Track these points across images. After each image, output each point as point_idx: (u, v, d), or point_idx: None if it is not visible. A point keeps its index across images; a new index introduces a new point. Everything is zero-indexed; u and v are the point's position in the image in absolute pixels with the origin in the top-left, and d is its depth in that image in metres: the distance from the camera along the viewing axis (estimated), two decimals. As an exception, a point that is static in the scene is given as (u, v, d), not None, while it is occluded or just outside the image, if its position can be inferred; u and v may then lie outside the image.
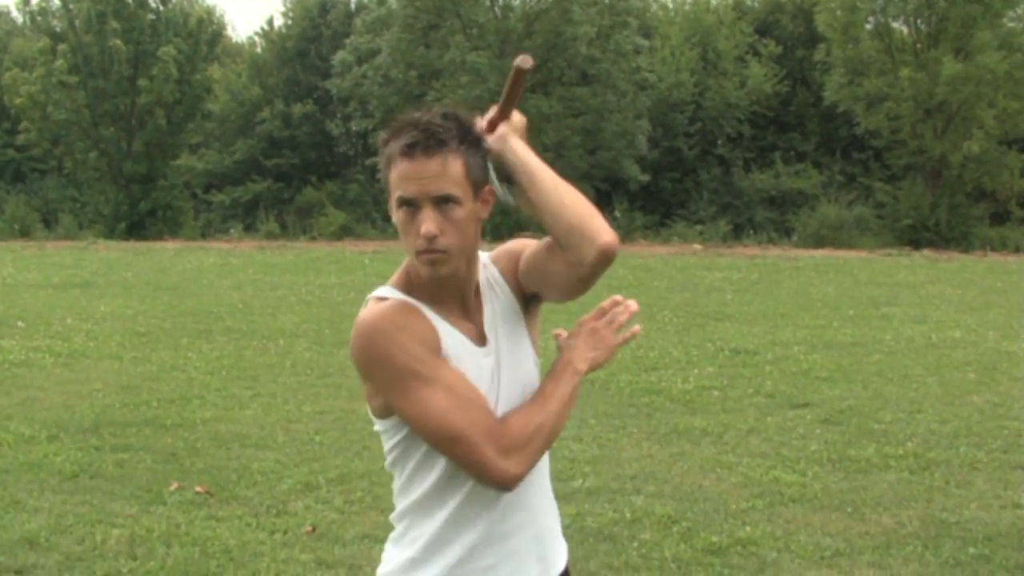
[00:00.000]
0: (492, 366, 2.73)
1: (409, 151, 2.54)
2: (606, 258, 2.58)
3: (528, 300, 2.86)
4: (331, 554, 6.30)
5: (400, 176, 2.56)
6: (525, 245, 2.83)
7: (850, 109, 40.87)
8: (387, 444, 2.75)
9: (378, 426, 2.75)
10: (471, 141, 2.62)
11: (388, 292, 2.73)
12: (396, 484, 2.78)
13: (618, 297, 2.82)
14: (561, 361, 2.75)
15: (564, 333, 2.82)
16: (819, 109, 44.82)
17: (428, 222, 2.54)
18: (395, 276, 2.77)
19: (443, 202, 2.56)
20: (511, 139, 2.67)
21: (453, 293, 2.72)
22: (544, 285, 2.78)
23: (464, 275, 2.70)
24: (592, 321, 2.81)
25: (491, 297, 2.81)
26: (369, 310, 2.68)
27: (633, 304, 2.80)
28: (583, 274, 2.62)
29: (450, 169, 2.56)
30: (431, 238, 2.55)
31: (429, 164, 2.54)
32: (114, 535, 6.51)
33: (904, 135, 39.68)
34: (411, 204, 2.57)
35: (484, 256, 2.86)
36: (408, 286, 2.73)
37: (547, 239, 2.68)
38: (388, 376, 2.59)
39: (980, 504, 7.28)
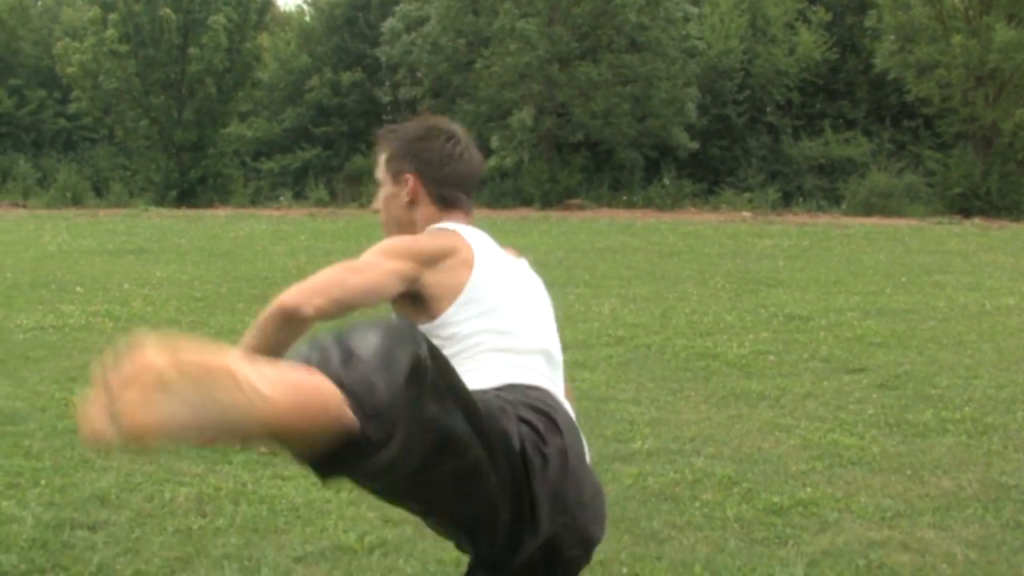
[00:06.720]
0: None
1: None
2: (285, 313, 2.91)
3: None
4: (398, 511, 6.35)
5: None
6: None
7: (900, 76, 40.54)
8: None
9: None
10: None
11: None
12: None
13: None
14: None
15: None
16: (869, 76, 44.53)
17: None
18: None
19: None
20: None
21: None
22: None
23: None
24: None
25: None
26: None
27: None
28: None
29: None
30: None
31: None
32: (182, 493, 6.61)
33: (955, 103, 39.33)
34: None
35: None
36: None
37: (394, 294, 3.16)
38: None
39: (1039, 468, 7.28)
